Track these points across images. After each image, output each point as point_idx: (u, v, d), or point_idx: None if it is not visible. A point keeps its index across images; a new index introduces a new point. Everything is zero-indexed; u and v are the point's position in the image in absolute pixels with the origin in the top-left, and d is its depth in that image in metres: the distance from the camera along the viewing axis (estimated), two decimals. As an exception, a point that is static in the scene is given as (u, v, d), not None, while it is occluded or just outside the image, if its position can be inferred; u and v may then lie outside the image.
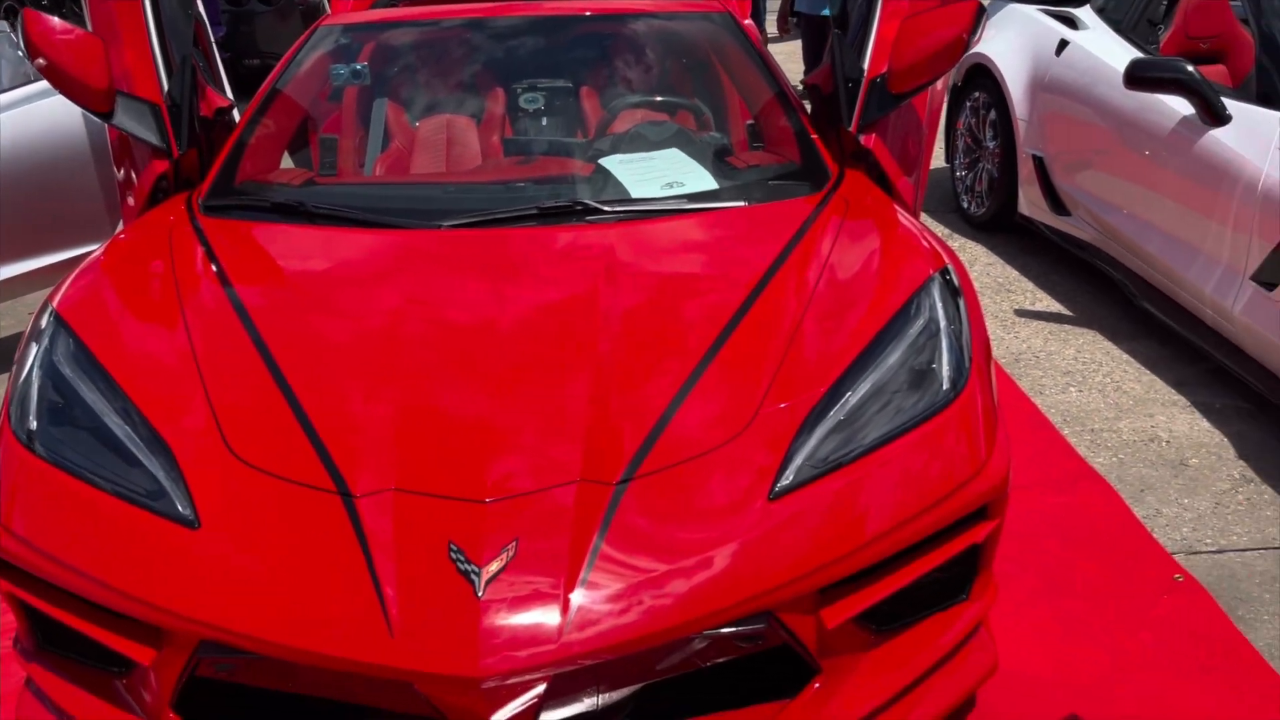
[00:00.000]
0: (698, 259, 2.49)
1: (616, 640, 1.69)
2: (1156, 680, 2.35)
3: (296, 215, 2.66)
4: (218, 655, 1.78)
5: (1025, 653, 2.43)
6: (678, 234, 2.55)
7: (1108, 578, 2.67)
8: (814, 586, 1.83)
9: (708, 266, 2.46)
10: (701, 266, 2.46)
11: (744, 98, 3.27)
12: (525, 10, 3.44)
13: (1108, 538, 2.84)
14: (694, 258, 2.49)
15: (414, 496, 1.84)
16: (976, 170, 5.35)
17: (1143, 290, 4.03)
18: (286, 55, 3.28)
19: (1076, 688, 2.33)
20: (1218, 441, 3.32)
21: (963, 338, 2.20)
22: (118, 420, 2.02)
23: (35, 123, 3.99)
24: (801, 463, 1.92)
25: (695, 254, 2.50)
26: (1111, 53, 4.32)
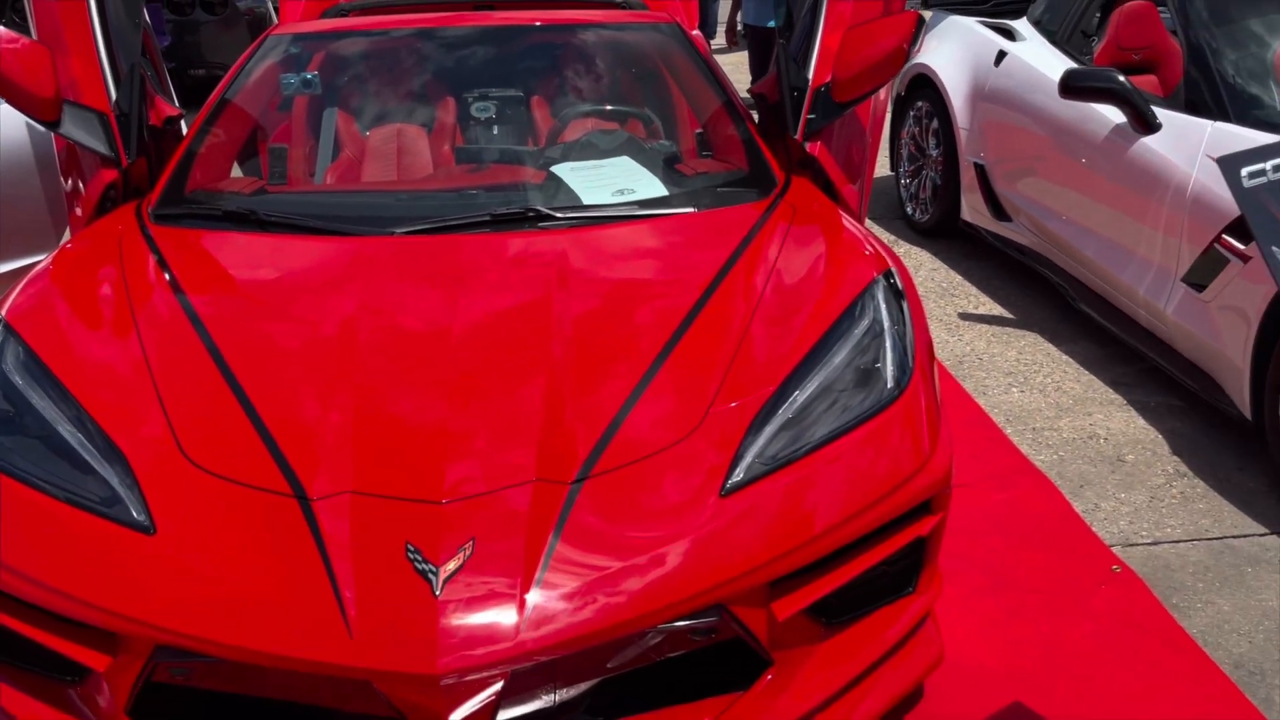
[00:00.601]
0: (648, 264, 2.53)
1: (573, 636, 1.72)
2: (1096, 667, 2.43)
3: (248, 223, 2.66)
4: (174, 660, 1.79)
5: (971, 644, 2.50)
6: (629, 240, 2.59)
7: (1049, 570, 2.76)
8: (765, 580, 1.87)
9: (658, 272, 2.51)
10: (652, 272, 2.51)
11: (692, 107, 3.33)
12: (476, 20, 3.47)
13: (1048, 532, 2.93)
14: (645, 263, 2.53)
15: (371, 499, 1.86)
16: (921, 178, 5.47)
17: (1081, 293, 4.15)
18: (236, 64, 3.28)
19: (1020, 676, 2.41)
20: (1153, 438, 3.43)
21: (906, 338, 2.27)
22: (70, 428, 2.02)
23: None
24: (751, 460, 1.97)
25: (646, 259, 2.55)
26: (1047, 63, 4.45)
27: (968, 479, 3.18)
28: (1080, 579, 2.73)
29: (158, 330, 2.25)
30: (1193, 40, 3.77)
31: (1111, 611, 2.61)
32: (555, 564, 1.78)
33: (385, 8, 3.84)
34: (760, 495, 1.93)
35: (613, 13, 3.67)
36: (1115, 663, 2.44)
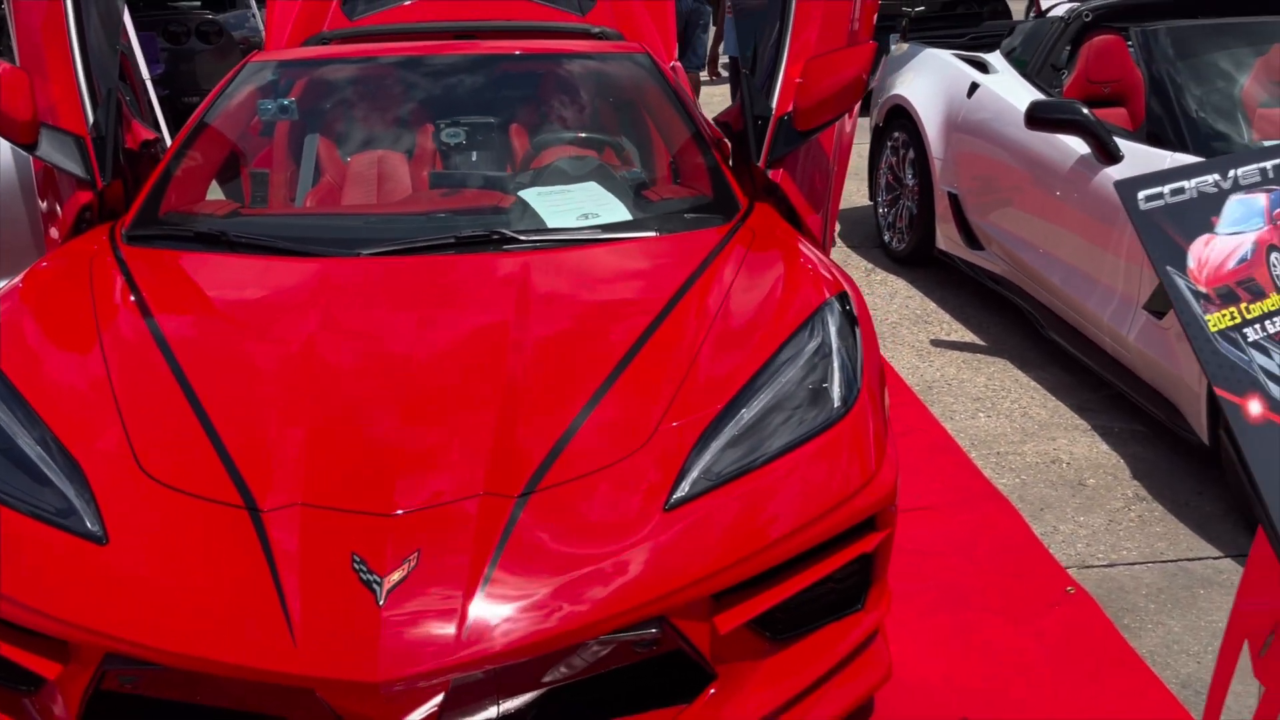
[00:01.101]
0: (607, 286, 2.59)
1: (514, 646, 1.76)
2: (1045, 685, 2.46)
3: (218, 244, 2.72)
4: (123, 667, 1.82)
5: (922, 661, 2.53)
6: (589, 262, 2.65)
7: (1003, 591, 2.79)
8: (707, 592, 1.91)
9: (616, 293, 2.56)
10: (610, 293, 2.56)
11: (661, 134, 3.39)
12: (452, 50, 3.54)
13: (1006, 554, 2.97)
14: (603, 285, 2.59)
15: (320, 511, 1.90)
16: (898, 207, 5.54)
17: (1049, 320, 4.21)
18: (215, 89, 3.35)
19: (969, 693, 2.44)
20: (1115, 463, 3.48)
21: (855, 360, 2.31)
22: (30, 442, 2.06)
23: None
24: (697, 475, 2.01)
25: (605, 281, 2.60)
26: (1018, 95, 4.53)
27: (930, 502, 3.23)
28: (1034, 599, 2.76)
29: (121, 348, 2.30)
30: (1154, 74, 3.85)
31: (1063, 631, 2.64)
32: (498, 576, 1.82)
33: (366, 37, 3.92)
34: (704, 509, 1.97)
35: (586, 43, 3.75)
36: (1063, 681, 2.47)
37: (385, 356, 2.28)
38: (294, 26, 4.23)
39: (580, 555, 1.87)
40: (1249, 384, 1.30)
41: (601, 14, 4.26)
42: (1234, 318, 1.33)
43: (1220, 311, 1.32)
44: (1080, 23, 4.66)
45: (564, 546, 1.88)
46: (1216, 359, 1.30)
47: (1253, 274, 1.37)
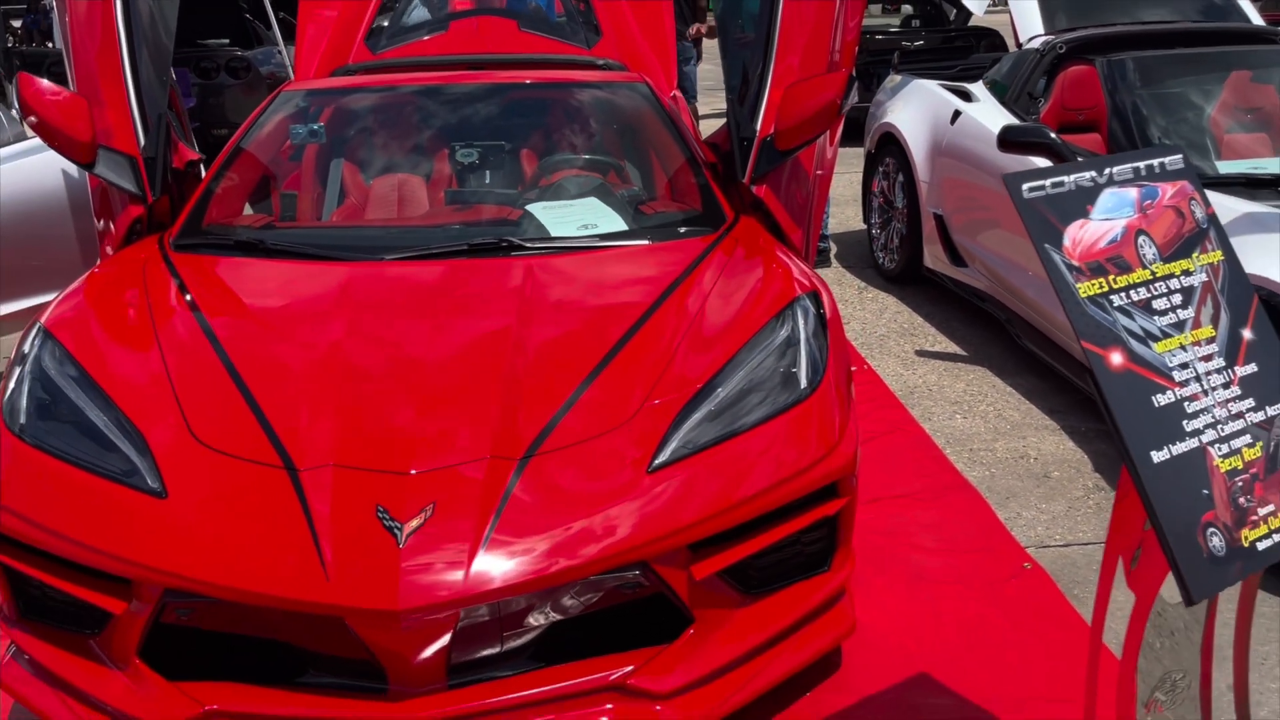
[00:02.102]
0: (601, 286, 2.89)
1: (516, 581, 2.05)
2: (999, 646, 2.72)
3: (257, 251, 3.04)
4: (180, 601, 2.12)
5: (888, 626, 2.79)
6: (586, 266, 2.95)
7: (965, 567, 3.06)
8: (684, 543, 2.19)
9: (609, 293, 2.86)
10: (604, 293, 2.86)
11: (657, 155, 3.71)
12: (467, 79, 3.88)
13: (971, 536, 3.23)
14: (598, 285, 2.89)
15: (349, 470, 2.20)
16: (889, 229, 5.85)
17: (1024, 330, 4.48)
18: (252, 115, 3.69)
19: (930, 653, 2.70)
20: (1079, 458, 3.74)
21: (823, 350, 2.60)
22: (98, 414, 2.37)
23: (19, 178, 4.35)
24: (676, 444, 2.30)
25: (600, 283, 2.90)
26: (997, 122, 4.82)
27: (904, 491, 3.50)
28: (993, 573, 3.03)
29: (174, 337, 2.61)
30: (1116, 102, 4.16)
31: (1019, 601, 2.90)
32: (502, 523, 2.11)
33: (388, 69, 4.26)
34: (682, 472, 2.25)
35: (591, 73, 4.08)
36: (1016, 643, 2.73)
37: (405, 347, 2.59)
38: (321, 59, 4.59)
39: (573, 507, 2.16)
40: (1112, 339, 1.58)
41: (606, 47, 4.60)
42: (1102, 287, 1.61)
43: (1090, 281, 1.60)
44: (1055, 54, 4.97)
45: (559, 500, 2.17)
46: (1084, 319, 1.58)
47: (1121, 252, 1.65)
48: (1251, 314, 1.73)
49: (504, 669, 2.20)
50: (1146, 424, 1.55)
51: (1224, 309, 1.70)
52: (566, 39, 4.68)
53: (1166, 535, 1.50)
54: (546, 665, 2.22)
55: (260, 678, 2.19)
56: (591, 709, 2.18)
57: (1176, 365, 1.61)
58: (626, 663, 2.22)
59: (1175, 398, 1.59)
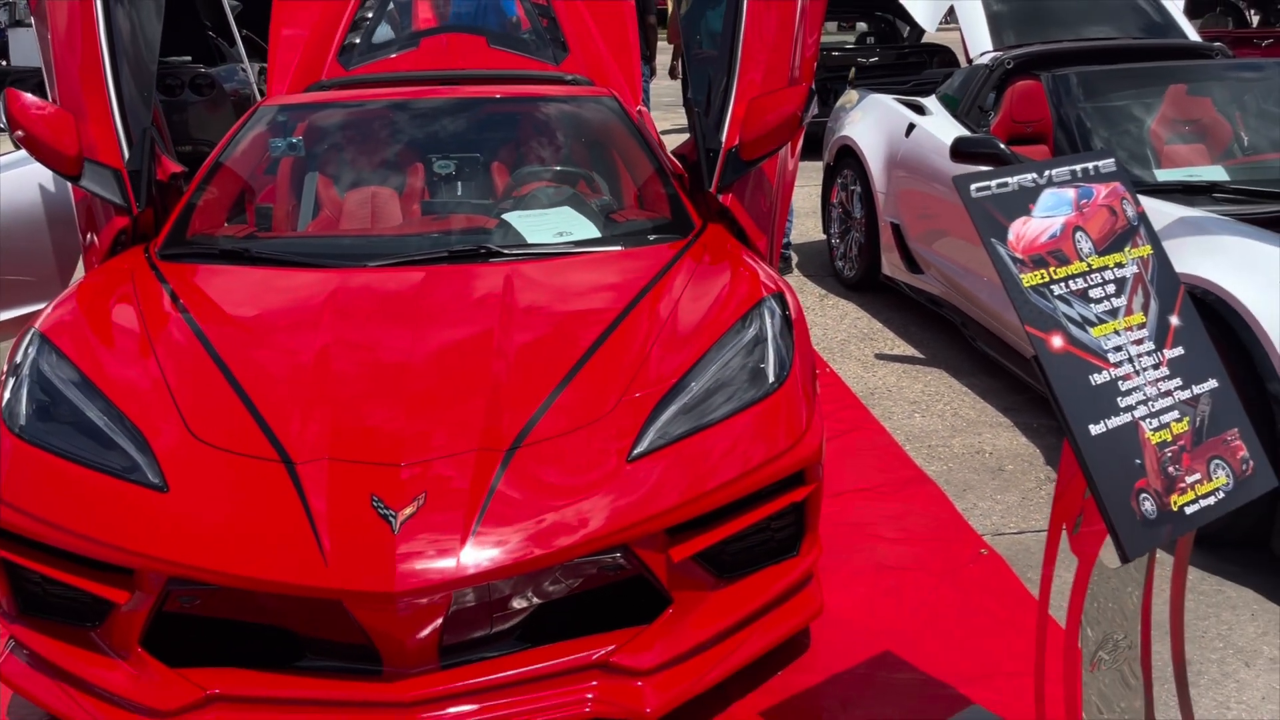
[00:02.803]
0: (577, 290, 3.02)
1: (505, 564, 2.17)
2: (957, 625, 2.88)
3: (242, 259, 3.15)
4: (184, 589, 2.22)
5: (853, 610, 2.94)
6: (562, 270, 3.09)
7: (925, 554, 3.22)
8: (662, 527, 2.33)
9: (584, 296, 2.99)
10: (579, 296, 3.00)
11: (626, 166, 3.86)
12: (441, 94, 4.01)
13: (930, 526, 3.40)
14: (574, 289, 3.02)
15: (343, 463, 2.32)
16: (848, 238, 6.04)
17: (979, 333, 4.68)
18: (232, 129, 3.80)
19: (893, 633, 2.85)
20: (1031, 452, 3.93)
21: (789, 347, 2.76)
22: (97, 413, 2.47)
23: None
24: (653, 435, 2.44)
25: (575, 286, 3.04)
26: (949, 134, 5.03)
27: (866, 485, 3.66)
28: (952, 560, 3.19)
29: (167, 341, 2.71)
30: (1061, 114, 4.37)
31: (975, 584, 3.07)
32: (491, 510, 2.24)
33: (361, 85, 4.37)
34: (659, 461, 2.39)
35: (562, 88, 4.22)
36: (973, 622, 2.89)
37: (392, 348, 2.70)
38: (294, 75, 4.69)
39: (558, 494, 2.29)
40: (1053, 324, 1.75)
41: (574, 63, 4.74)
42: (1044, 278, 1.77)
43: (1033, 272, 1.77)
44: (1003, 69, 5.20)
45: (544, 488, 2.30)
46: (1027, 306, 1.74)
47: (1060, 246, 1.81)
48: (1178, 302, 1.90)
49: (493, 650, 2.32)
50: (1084, 400, 1.71)
51: (1153, 298, 1.87)
52: (535, 55, 4.81)
53: (1104, 500, 1.66)
54: (533, 646, 2.34)
55: (259, 663, 2.30)
56: (577, 685, 2.30)
57: (1111, 348, 1.78)
58: (609, 642, 2.35)
59: (1110, 377, 1.76)
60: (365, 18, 4.96)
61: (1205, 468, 1.80)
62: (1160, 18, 5.93)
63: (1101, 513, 1.67)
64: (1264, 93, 4.61)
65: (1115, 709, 2.01)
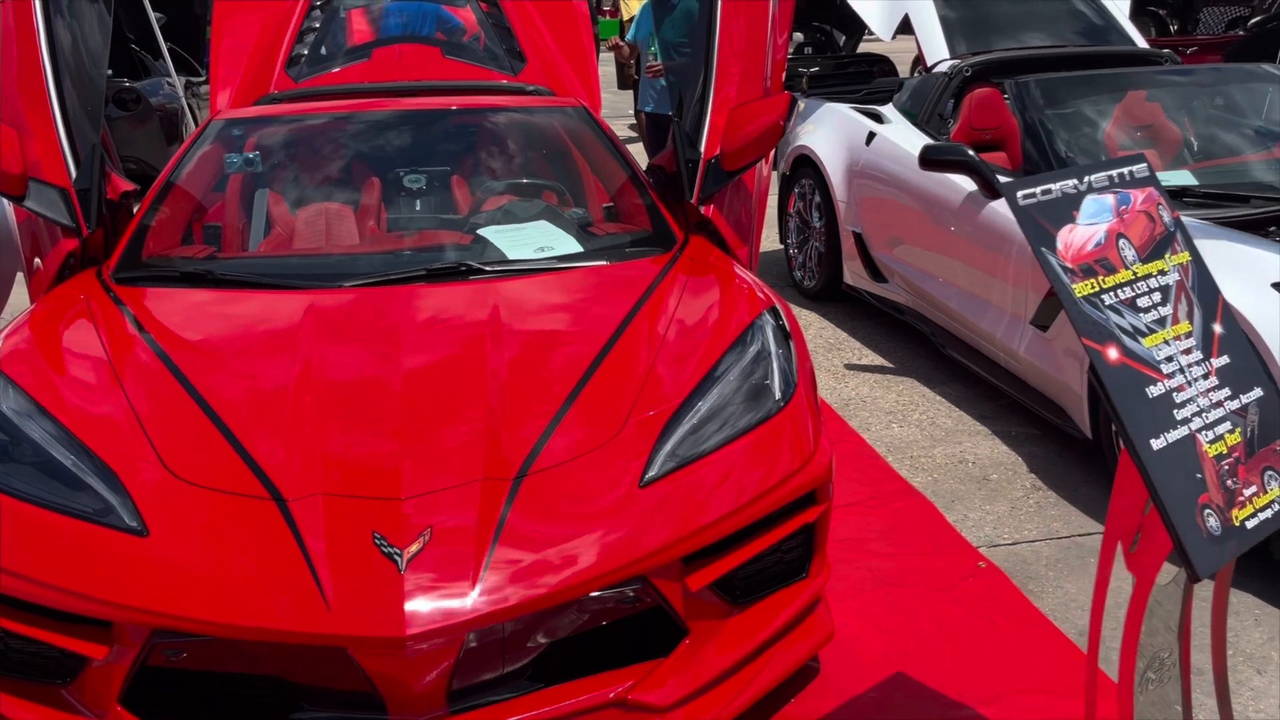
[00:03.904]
0: (568, 307, 2.91)
1: (522, 601, 2.04)
2: (965, 642, 2.82)
3: (205, 282, 2.97)
4: (170, 641, 2.04)
5: (860, 631, 2.86)
6: (550, 288, 2.97)
7: (925, 569, 3.16)
8: (678, 555, 2.22)
9: (576, 313, 2.88)
10: (571, 313, 2.88)
11: (600, 177, 3.75)
12: (406, 105, 3.85)
13: (925, 538, 3.34)
14: (565, 306, 2.91)
15: (340, 499, 2.16)
16: (807, 248, 6.00)
17: (949, 341, 4.66)
18: (184, 145, 3.60)
19: (903, 652, 2.78)
20: (1014, 460, 3.90)
21: (791, 362, 2.67)
22: (63, 451, 2.27)
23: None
24: (664, 458, 2.33)
25: (566, 303, 2.92)
26: (911, 142, 5.03)
27: (855, 499, 3.59)
28: (951, 574, 3.13)
29: (133, 371, 2.52)
30: (1028, 120, 4.38)
31: (978, 598, 3.01)
32: (503, 544, 2.10)
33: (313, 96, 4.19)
34: (673, 486, 2.28)
35: (529, 99, 4.10)
36: (981, 638, 2.83)
37: (378, 373, 2.55)
38: (240, 88, 4.49)
39: (571, 525, 2.17)
40: (1107, 336, 1.68)
41: (532, 73, 4.62)
42: (1094, 287, 1.71)
43: (1083, 282, 1.70)
44: (962, 77, 5.20)
45: (556, 518, 2.18)
46: (1082, 317, 1.68)
47: (1106, 255, 1.75)
48: (1219, 309, 1.86)
49: (504, 692, 2.18)
50: (1144, 414, 1.65)
51: (1196, 306, 1.83)
52: (491, 66, 4.68)
53: (1171, 517, 1.59)
54: (546, 685, 2.21)
55: (250, 716, 2.13)
56: (596, 726, 2.18)
57: (1163, 359, 1.72)
58: (625, 678, 2.23)
59: (1165, 389, 1.70)
60: (312, 28, 4.78)
61: (1260, 479, 1.75)
62: (1102, 21, 6.01)
63: (1169, 531, 1.60)
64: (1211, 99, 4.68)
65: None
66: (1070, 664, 2.73)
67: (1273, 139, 4.43)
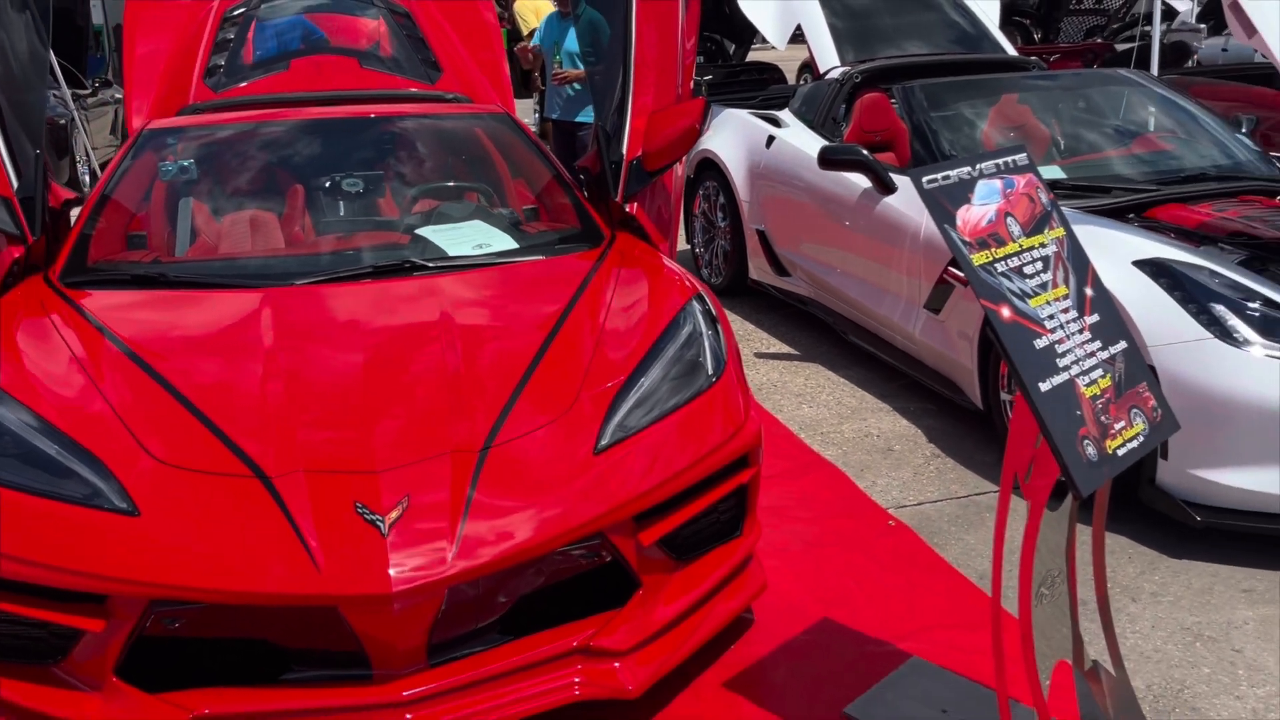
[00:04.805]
0: (512, 298, 3.12)
1: (495, 558, 2.26)
2: (881, 590, 3.13)
3: (158, 284, 3.09)
4: (168, 610, 2.19)
5: (789, 587, 3.14)
6: (492, 281, 3.18)
7: (842, 529, 3.47)
8: (632, 513, 2.46)
9: (520, 303, 3.09)
10: (515, 303, 3.09)
11: (527, 179, 3.97)
12: (339, 114, 4.00)
13: (840, 504, 3.66)
14: (508, 297, 3.12)
15: (320, 474, 2.34)
16: (713, 246, 6.31)
17: (850, 328, 5.01)
18: (120, 153, 3.69)
19: (827, 601, 3.07)
20: (914, 433, 4.26)
21: (720, 342, 2.94)
22: (46, 442, 2.39)
23: None
24: (614, 429, 2.57)
25: (509, 295, 3.13)
26: (808, 145, 5.37)
27: (774, 472, 3.88)
28: (866, 533, 3.45)
29: (103, 365, 2.65)
30: (915, 121, 4.76)
31: (890, 552, 3.33)
32: (475, 507, 2.31)
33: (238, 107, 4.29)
34: (624, 452, 2.53)
35: (453, 105, 4.29)
36: (895, 585, 3.15)
37: (343, 359, 2.73)
38: (157, 98, 4.56)
39: (536, 488, 2.39)
40: (1001, 298, 1.99)
41: (448, 82, 4.81)
42: (988, 257, 2.02)
43: (979, 253, 2.01)
44: (852, 83, 5.58)
45: (522, 484, 2.40)
46: (980, 282, 1.98)
47: (997, 230, 2.06)
48: (1090, 276, 2.19)
49: (478, 645, 2.39)
50: (1033, 362, 1.96)
51: (1071, 273, 2.15)
52: (408, 75, 4.84)
53: (1058, 446, 1.91)
54: (515, 638, 2.42)
55: (242, 680, 2.29)
56: (563, 671, 2.40)
57: (1046, 317, 2.04)
58: (586, 628, 2.46)
59: (1049, 342, 2.01)
60: (228, 39, 4.87)
61: (1127, 416, 2.08)
62: (975, 30, 6.50)
63: (1056, 458, 1.92)
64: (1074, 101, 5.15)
65: (1053, 639, 2.27)
66: (974, 603, 3.06)
67: (1129, 136, 4.91)
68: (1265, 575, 3.18)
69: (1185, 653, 2.84)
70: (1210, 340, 3.24)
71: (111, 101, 11.56)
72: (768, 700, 2.66)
